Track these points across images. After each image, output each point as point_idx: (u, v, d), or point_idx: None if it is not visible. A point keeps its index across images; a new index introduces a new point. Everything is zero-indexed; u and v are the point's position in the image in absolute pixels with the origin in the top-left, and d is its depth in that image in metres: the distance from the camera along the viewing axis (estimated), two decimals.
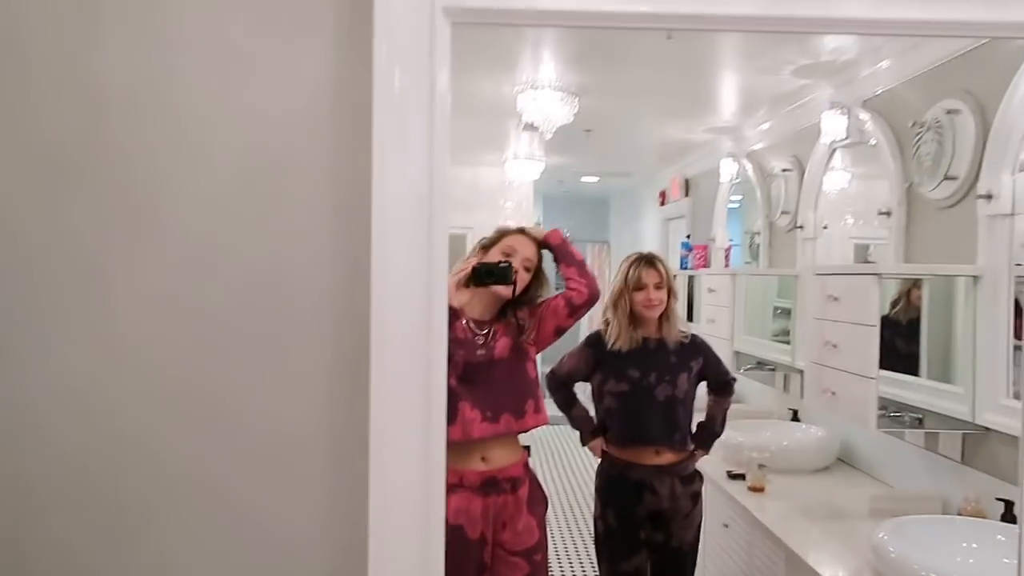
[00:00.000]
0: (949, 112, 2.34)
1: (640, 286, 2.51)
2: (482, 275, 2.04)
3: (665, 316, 2.55)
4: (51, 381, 1.00)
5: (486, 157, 5.89)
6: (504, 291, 2.11)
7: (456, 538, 2.02)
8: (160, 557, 1.02)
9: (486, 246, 2.22)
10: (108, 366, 1.01)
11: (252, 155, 1.03)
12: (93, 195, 1.01)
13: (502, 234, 2.22)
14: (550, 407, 2.29)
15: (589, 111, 3.84)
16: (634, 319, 2.54)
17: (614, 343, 2.53)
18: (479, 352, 2.13)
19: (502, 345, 2.14)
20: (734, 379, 2.69)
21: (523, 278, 2.15)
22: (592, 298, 2.21)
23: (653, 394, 2.47)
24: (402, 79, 1.01)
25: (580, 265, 2.23)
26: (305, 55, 1.03)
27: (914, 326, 2.58)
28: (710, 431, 2.61)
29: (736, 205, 4.47)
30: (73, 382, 1.00)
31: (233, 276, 1.02)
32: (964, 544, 1.98)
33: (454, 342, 2.08)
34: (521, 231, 2.23)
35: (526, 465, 2.20)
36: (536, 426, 2.17)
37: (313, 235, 1.02)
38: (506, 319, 2.17)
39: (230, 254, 1.02)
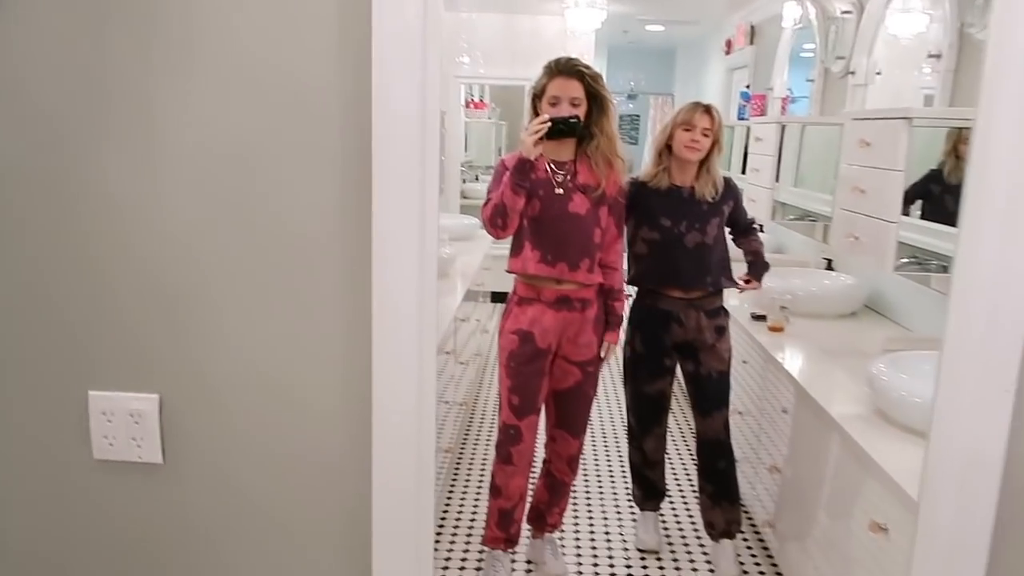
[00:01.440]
0: None
1: (689, 126, 2.54)
2: (554, 131, 2.26)
3: (705, 167, 2.59)
4: (105, 200, 1.19)
5: (546, 5, 5.76)
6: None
7: (527, 343, 2.40)
8: (202, 327, 1.23)
9: (538, 94, 2.37)
10: (154, 183, 1.18)
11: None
12: (134, 26, 1.15)
13: (545, 78, 2.34)
14: None
15: None
16: (670, 161, 2.60)
17: (649, 180, 2.61)
18: (557, 191, 2.34)
19: (578, 200, 2.35)
20: (757, 225, 2.75)
21: (580, 112, 2.31)
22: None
23: (683, 242, 2.57)
24: None
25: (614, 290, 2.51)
26: None
27: (951, 180, 2.56)
28: (760, 264, 2.78)
29: (810, 54, 4.30)
30: (125, 199, 1.19)
31: (257, 102, 1.16)
32: None
33: (536, 181, 2.33)
34: (558, 70, 2.33)
35: (598, 292, 2.46)
36: (586, 283, 2.39)
37: (330, 63, 1.14)
38: (585, 154, 2.37)
39: (251, 81, 1.15)
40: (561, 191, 2.34)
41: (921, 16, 2.92)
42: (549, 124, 2.23)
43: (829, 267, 3.44)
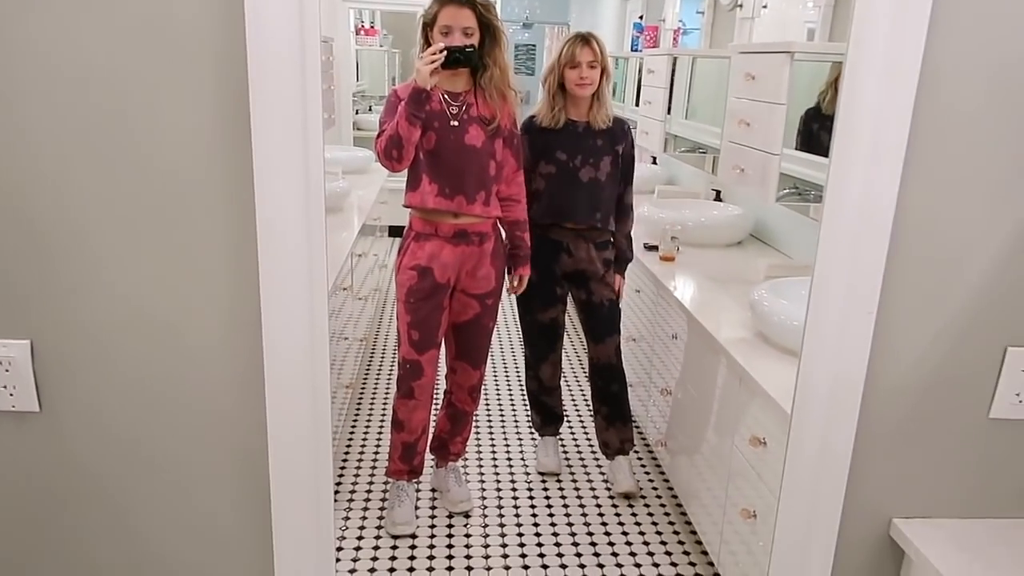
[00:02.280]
0: None
1: (574, 64, 2.57)
2: (450, 61, 2.20)
3: (596, 97, 2.63)
4: None
5: None
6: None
7: (426, 278, 2.39)
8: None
9: (428, 22, 2.30)
10: (11, 115, 1.09)
11: None
12: None
13: (435, 6, 2.27)
14: None
15: None
16: (564, 98, 2.64)
17: (542, 121, 2.65)
18: (452, 124, 2.30)
19: (474, 132, 2.32)
20: (631, 203, 2.78)
21: (473, 42, 2.25)
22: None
23: (577, 176, 2.63)
24: None
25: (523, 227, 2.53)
26: None
27: (828, 111, 2.67)
28: (623, 258, 2.79)
29: None
30: None
31: (118, 29, 1.08)
32: None
33: (430, 114, 2.28)
34: (451, 0, 2.25)
35: (495, 225, 2.47)
36: (484, 216, 2.39)
37: None
38: (479, 86, 2.33)
39: (110, 6, 1.07)
40: (456, 123, 2.31)
41: None
42: (444, 53, 2.17)
43: (718, 198, 3.57)
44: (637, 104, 4.41)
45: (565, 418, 3.11)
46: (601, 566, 2.41)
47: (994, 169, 1.18)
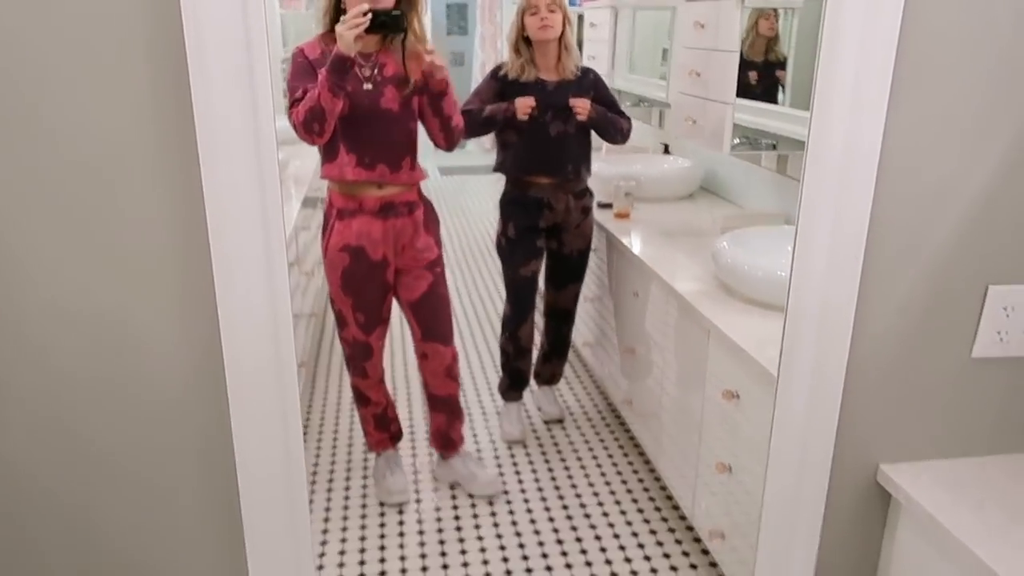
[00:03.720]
0: None
1: (533, 10, 2.55)
2: (376, 25, 2.04)
3: (563, 46, 2.62)
4: None
5: None
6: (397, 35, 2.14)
7: (359, 258, 2.23)
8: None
9: None
10: None
11: None
12: None
13: None
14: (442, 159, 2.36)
15: None
16: (530, 50, 2.62)
17: (511, 73, 2.63)
18: (366, 87, 2.14)
19: (389, 95, 2.16)
20: (627, 119, 2.73)
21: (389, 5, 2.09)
22: (452, 148, 2.34)
23: (547, 131, 2.62)
24: None
25: (446, 119, 2.23)
26: None
27: (767, 59, 2.63)
28: (608, 114, 2.64)
29: None
30: None
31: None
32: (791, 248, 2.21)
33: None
34: None
35: (419, 190, 2.32)
36: (411, 183, 2.26)
37: None
38: (391, 46, 2.17)
39: None
40: (370, 86, 2.14)
41: None
42: (369, 17, 2.01)
43: (666, 151, 3.54)
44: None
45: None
46: (575, 528, 2.39)
47: (974, 101, 1.15)
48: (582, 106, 2.58)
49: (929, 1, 1.09)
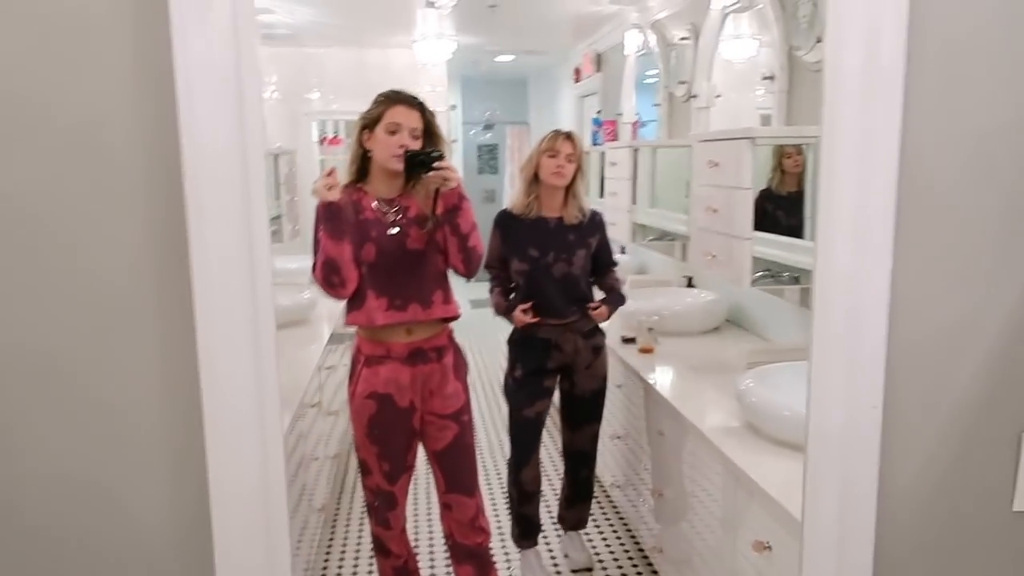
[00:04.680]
0: None
1: (553, 152, 2.59)
2: (415, 165, 2.06)
3: (571, 193, 2.65)
4: None
5: (394, 39, 5.69)
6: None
7: (387, 406, 2.17)
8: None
9: (368, 124, 2.17)
10: None
11: (49, 28, 0.99)
12: None
13: (381, 106, 2.16)
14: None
15: None
16: (539, 189, 2.63)
17: (515, 208, 2.66)
18: (391, 231, 2.15)
19: (415, 236, 2.16)
20: (616, 261, 2.80)
21: (418, 145, 2.13)
22: (471, 273, 2.23)
23: (551, 272, 2.62)
24: None
25: (463, 238, 2.15)
26: None
27: (793, 194, 2.67)
28: (616, 296, 2.73)
29: (654, 80, 4.44)
30: None
31: (38, 156, 1.00)
32: None
33: (366, 223, 2.14)
34: (399, 99, 2.16)
35: (450, 334, 2.29)
36: (445, 317, 2.22)
37: (119, 111, 1.00)
38: (413, 191, 2.19)
39: (36, 120, 1.00)
40: (396, 229, 2.15)
41: (751, 41, 3.06)
42: (406, 157, 2.06)
43: (690, 284, 3.53)
44: (601, 196, 4.44)
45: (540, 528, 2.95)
46: None
47: (983, 242, 1.12)
48: (598, 314, 2.66)
49: (924, 147, 1.09)
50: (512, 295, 2.69)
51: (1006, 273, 1.13)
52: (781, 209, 2.59)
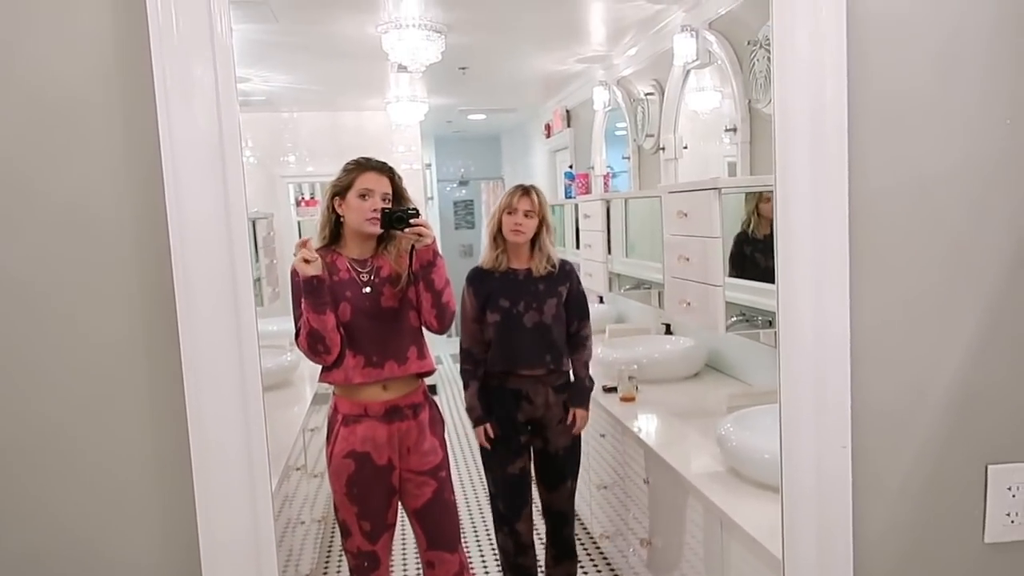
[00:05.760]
0: None
1: (511, 210, 2.62)
2: (393, 221, 2.13)
3: (537, 246, 2.67)
4: None
5: (368, 101, 5.82)
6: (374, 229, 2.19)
7: (365, 465, 2.19)
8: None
9: (339, 191, 2.24)
10: None
11: (36, 110, 1.04)
12: None
13: (352, 173, 2.23)
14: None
15: (460, 48, 3.85)
16: (504, 244, 2.67)
17: (484, 264, 2.68)
18: (365, 290, 2.20)
19: (388, 294, 2.21)
20: (587, 335, 2.74)
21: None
22: (444, 329, 2.27)
23: (522, 322, 2.62)
24: (181, 24, 1.03)
25: (437, 294, 2.20)
26: (82, 4, 1.04)
27: (768, 237, 2.74)
28: (580, 387, 2.70)
29: (623, 132, 4.56)
30: None
31: (29, 235, 1.04)
32: None
33: (340, 283, 2.18)
34: (369, 166, 2.24)
35: (425, 391, 2.32)
36: (421, 372, 2.26)
37: (107, 188, 1.04)
38: (385, 251, 2.25)
39: (29, 197, 1.03)
40: (369, 289, 2.20)
41: (713, 94, 3.19)
42: (383, 215, 2.13)
43: (668, 331, 3.59)
44: (578, 247, 4.51)
45: None
46: None
47: (937, 286, 1.18)
48: (576, 430, 2.68)
49: (872, 194, 1.15)
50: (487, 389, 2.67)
51: (959, 311, 1.19)
52: (759, 252, 2.66)
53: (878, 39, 1.13)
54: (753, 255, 2.61)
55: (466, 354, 2.68)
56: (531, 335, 2.62)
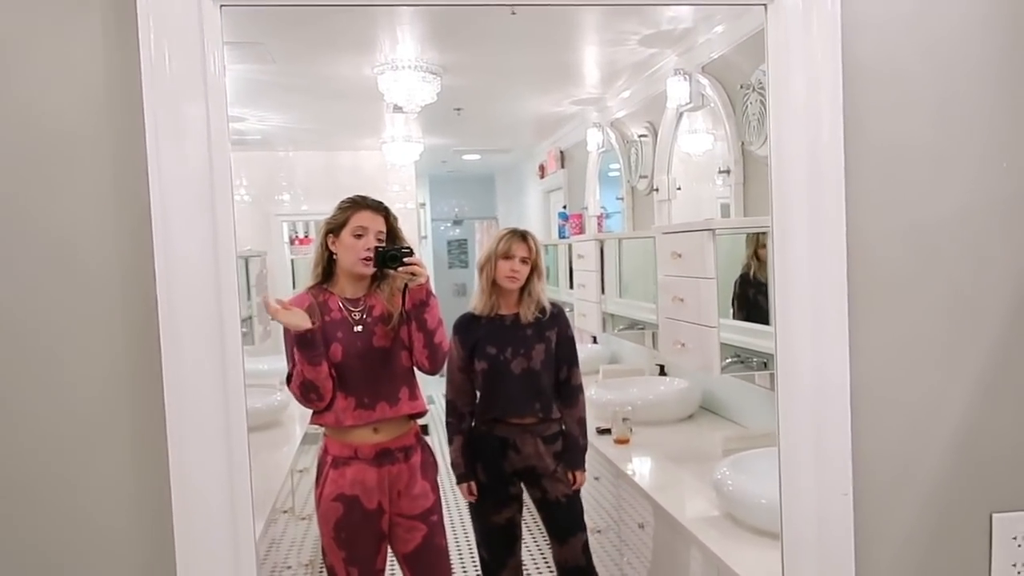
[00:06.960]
0: None
1: (508, 255, 2.56)
2: (387, 260, 2.09)
3: (527, 292, 2.59)
4: None
5: (363, 141, 5.86)
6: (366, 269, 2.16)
7: (354, 509, 2.13)
8: None
9: (333, 229, 2.22)
10: None
11: (25, 146, 1.03)
12: None
13: (347, 211, 2.21)
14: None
15: (456, 89, 3.88)
16: (495, 289, 2.60)
17: (475, 308, 2.62)
18: (357, 329, 2.17)
19: (380, 333, 2.18)
20: (578, 385, 2.65)
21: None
22: (435, 370, 2.24)
23: (509, 368, 2.54)
24: (173, 64, 1.03)
25: (430, 334, 2.16)
26: (75, 41, 1.03)
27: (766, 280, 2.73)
28: (575, 447, 2.61)
29: (616, 173, 4.58)
30: None
31: (18, 271, 1.02)
32: None
33: (332, 323, 2.15)
34: (364, 204, 2.22)
35: (417, 433, 2.27)
36: (412, 413, 2.22)
37: (94, 226, 1.03)
38: (378, 290, 2.22)
39: (8, 252, 1.01)
40: (360, 328, 2.17)
41: (706, 136, 3.21)
42: (376, 253, 2.10)
43: (662, 372, 3.56)
44: (571, 287, 4.50)
45: None
46: None
47: (935, 331, 1.17)
48: (579, 485, 2.60)
49: (870, 239, 1.15)
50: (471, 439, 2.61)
51: (961, 356, 1.18)
52: (762, 295, 2.64)
53: (874, 84, 1.14)
54: (756, 297, 2.60)
55: (451, 406, 2.61)
56: (519, 382, 2.54)
